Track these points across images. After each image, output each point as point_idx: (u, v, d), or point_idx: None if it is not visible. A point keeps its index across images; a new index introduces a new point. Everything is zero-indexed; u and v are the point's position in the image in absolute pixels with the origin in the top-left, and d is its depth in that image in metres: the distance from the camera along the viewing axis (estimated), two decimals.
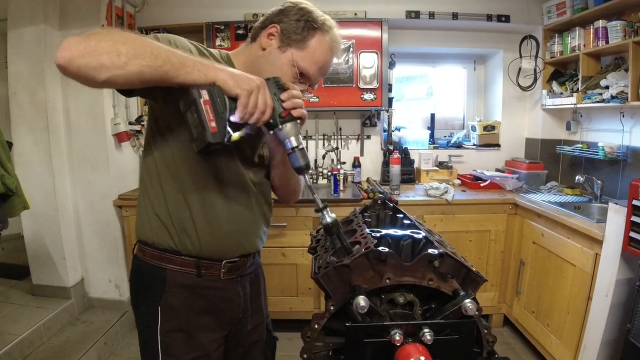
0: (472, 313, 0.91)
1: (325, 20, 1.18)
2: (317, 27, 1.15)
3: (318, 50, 1.16)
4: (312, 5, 1.19)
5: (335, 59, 1.24)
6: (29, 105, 2.94)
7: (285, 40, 1.14)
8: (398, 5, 3.34)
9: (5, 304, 3.00)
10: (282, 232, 2.84)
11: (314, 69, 1.17)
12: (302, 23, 1.14)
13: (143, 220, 1.18)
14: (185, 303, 1.16)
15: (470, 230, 2.90)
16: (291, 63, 1.14)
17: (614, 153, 2.72)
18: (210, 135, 0.88)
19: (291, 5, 1.18)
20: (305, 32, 1.14)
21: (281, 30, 1.14)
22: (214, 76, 0.91)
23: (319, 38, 1.16)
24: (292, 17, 1.15)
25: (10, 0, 2.88)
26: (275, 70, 1.12)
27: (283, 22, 1.15)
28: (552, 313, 2.49)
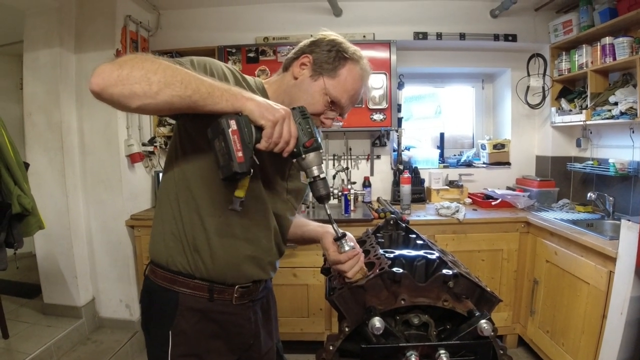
0: (488, 334, 0.91)
1: (356, 51, 1.22)
2: (347, 57, 1.19)
3: (349, 79, 1.19)
4: (342, 38, 1.23)
5: (364, 88, 1.27)
6: (44, 126, 3.00)
7: (317, 69, 1.18)
8: (406, 27, 3.39)
9: (17, 323, 3.02)
10: (293, 253, 2.84)
11: (345, 97, 1.20)
12: (333, 53, 1.18)
13: (157, 239, 1.18)
14: (196, 327, 1.15)
15: (483, 250, 2.88)
16: (323, 91, 1.17)
17: (625, 169, 2.71)
18: (237, 165, 0.89)
19: (322, 37, 1.22)
20: (336, 61, 1.18)
21: (313, 60, 1.19)
22: (241, 105, 0.93)
23: (350, 67, 1.19)
24: (323, 47, 1.19)
25: (26, 23, 2.98)
26: (308, 98, 1.17)
27: (315, 53, 1.19)
28: (567, 332, 2.45)
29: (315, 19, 3.43)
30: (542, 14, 3.37)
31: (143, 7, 3.33)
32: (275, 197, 1.23)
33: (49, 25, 2.93)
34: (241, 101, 0.93)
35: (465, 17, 3.40)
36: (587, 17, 2.92)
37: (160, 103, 0.88)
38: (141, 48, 3.28)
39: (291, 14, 3.45)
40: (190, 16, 3.49)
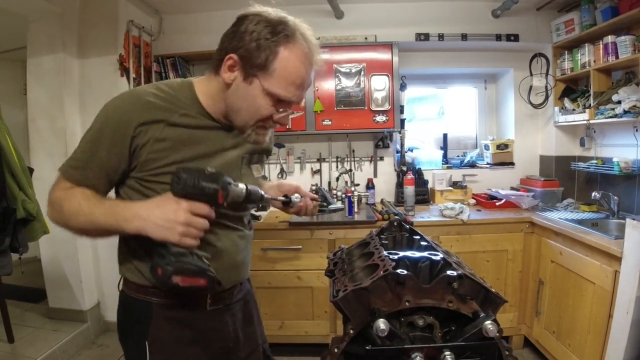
0: (493, 334, 0.90)
1: (285, 28, 1.02)
2: (277, 41, 1.00)
3: (289, 68, 1.02)
4: (265, 11, 1.04)
5: (314, 66, 1.08)
6: (48, 132, 3.02)
7: (247, 69, 1.02)
8: (407, 28, 3.40)
9: (22, 327, 3.03)
10: (297, 255, 2.84)
11: (291, 91, 1.05)
12: (258, 43, 1.00)
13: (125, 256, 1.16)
14: (172, 335, 1.13)
15: (487, 250, 2.87)
16: (263, 93, 1.03)
17: (629, 168, 2.69)
18: (158, 278, 0.98)
19: (241, 22, 1.04)
20: (265, 53, 1.00)
21: (239, 59, 1.02)
22: (138, 228, 0.97)
23: (285, 54, 1.01)
24: (246, 39, 1.01)
25: (29, 29, 3.00)
26: (248, 105, 1.06)
27: (239, 49, 1.02)
28: (573, 333, 2.44)
29: (316, 21, 3.43)
30: (543, 14, 3.37)
31: (145, 12, 3.35)
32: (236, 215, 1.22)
33: (52, 31, 2.94)
34: (134, 224, 0.97)
35: (467, 17, 3.40)
36: (589, 16, 2.92)
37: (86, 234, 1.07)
38: (144, 52, 3.29)
39: (292, 17, 3.44)
40: (193, 20, 3.50)
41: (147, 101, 1.03)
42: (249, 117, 1.08)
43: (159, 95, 1.05)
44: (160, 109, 1.04)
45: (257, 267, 2.79)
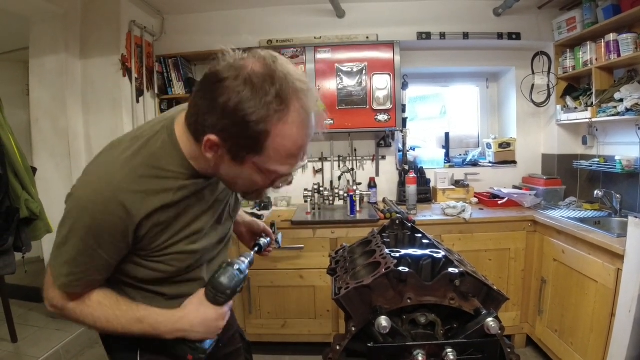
0: (495, 332, 0.91)
1: (275, 96, 0.81)
2: (267, 118, 0.81)
3: (285, 143, 0.85)
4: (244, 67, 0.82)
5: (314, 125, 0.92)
6: (51, 132, 3.03)
7: (234, 149, 0.86)
8: (409, 27, 3.39)
9: (25, 327, 3.04)
10: (300, 254, 2.84)
11: (291, 163, 0.90)
12: (244, 124, 0.81)
13: None
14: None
15: (490, 249, 2.87)
16: (258, 170, 0.90)
17: (632, 166, 2.69)
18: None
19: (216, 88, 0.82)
20: (254, 134, 0.82)
21: (222, 141, 0.84)
22: (183, 334, 1.00)
23: (278, 130, 0.83)
24: (227, 118, 0.81)
25: (32, 30, 3.01)
26: (245, 180, 0.93)
27: (220, 131, 0.83)
28: (575, 331, 2.43)
29: (318, 21, 3.44)
30: (545, 12, 3.36)
31: (147, 13, 3.36)
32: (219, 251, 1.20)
33: (55, 32, 2.95)
34: (175, 335, 0.99)
35: (469, 16, 3.39)
36: (590, 14, 2.91)
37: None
38: (146, 52, 3.30)
39: (294, 17, 3.46)
40: (194, 20, 3.51)
41: (139, 192, 0.90)
42: (247, 188, 0.99)
43: (149, 176, 0.91)
44: (154, 195, 0.92)
45: (260, 266, 2.79)
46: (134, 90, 3.16)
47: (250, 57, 0.85)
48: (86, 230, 0.88)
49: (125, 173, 0.89)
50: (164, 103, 3.52)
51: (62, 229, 0.91)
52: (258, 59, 0.84)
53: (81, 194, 0.89)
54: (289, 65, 0.85)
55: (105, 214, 0.87)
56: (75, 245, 0.90)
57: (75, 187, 0.92)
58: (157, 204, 0.91)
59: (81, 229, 0.88)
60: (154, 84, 3.44)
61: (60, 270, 0.92)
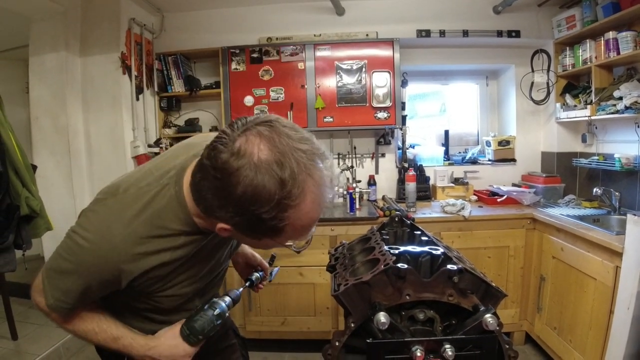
0: (493, 328, 0.91)
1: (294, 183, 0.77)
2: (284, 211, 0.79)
3: (301, 222, 0.83)
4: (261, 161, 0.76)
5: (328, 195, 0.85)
6: (51, 130, 3.03)
7: (249, 232, 0.85)
8: (409, 25, 3.39)
9: (25, 324, 3.04)
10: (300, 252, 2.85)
11: (306, 234, 0.89)
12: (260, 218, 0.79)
13: None
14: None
15: (489, 247, 2.88)
16: (274, 244, 0.90)
17: (631, 164, 2.69)
18: None
19: (228, 185, 0.77)
20: (270, 226, 0.81)
21: (235, 229, 0.85)
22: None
23: (294, 214, 0.80)
24: (240, 215, 0.80)
25: (32, 28, 3.00)
26: (260, 247, 0.93)
27: (235, 224, 0.83)
28: (574, 328, 2.44)
29: (318, 18, 3.44)
30: (545, 10, 3.36)
31: (147, 10, 3.36)
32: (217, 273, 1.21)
33: (55, 30, 2.95)
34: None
35: (468, 13, 3.39)
36: (590, 12, 2.91)
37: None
38: (145, 50, 3.30)
39: (294, 14, 3.46)
40: (194, 18, 3.51)
41: (137, 254, 0.90)
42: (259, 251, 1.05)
43: (151, 235, 0.91)
44: (152, 255, 0.92)
45: None
46: (134, 87, 3.16)
47: (250, 137, 0.78)
48: (84, 280, 0.92)
49: (127, 234, 0.89)
50: (163, 101, 3.52)
51: (60, 261, 0.93)
52: (260, 137, 0.78)
53: (81, 249, 0.89)
54: (287, 129, 0.81)
55: (102, 274, 0.91)
56: (71, 283, 0.93)
57: (77, 234, 0.91)
58: (154, 263, 0.92)
59: (79, 277, 0.91)
60: (153, 81, 3.45)
61: (52, 291, 0.94)
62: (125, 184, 0.96)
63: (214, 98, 3.53)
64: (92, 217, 0.93)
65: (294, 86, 3.34)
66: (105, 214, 0.92)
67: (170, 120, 3.64)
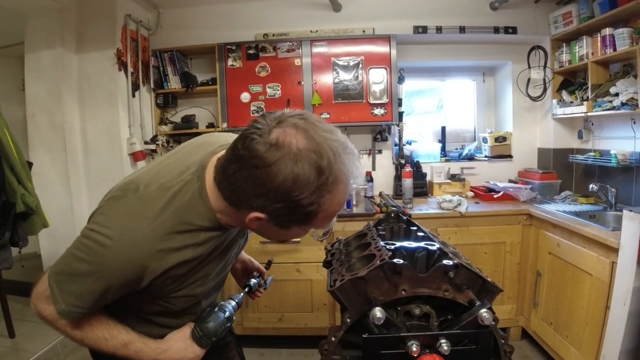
0: (489, 323, 0.92)
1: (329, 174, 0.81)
2: (320, 196, 0.82)
3: (332, 208, 0.86)
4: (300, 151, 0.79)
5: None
6: (47, 127, 3.02)
7: (281, 222, 0.87)
8: (405, 21, 3.39)
9: (22, 322, 3.03)
10: (297, 248, 2.85)
11: (330, 222, 0.94)
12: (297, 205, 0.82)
13: None
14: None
15: (485, 243, 2.88)
16: (302, 231, 0.92)
17: (627, 160, 2.70)
18: None
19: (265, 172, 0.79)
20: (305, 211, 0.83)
21: (269, 217, 0.86)
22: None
23: (328, 200, 0.83)
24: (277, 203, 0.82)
25: (27, 25, 2.99)
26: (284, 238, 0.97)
27: (269, 211, 0.84)
28: (570, 324, 2.45)
29: (314, 14, 3.43)
30: (542, 6, 3.36)
31: (143, 6, 3.34)
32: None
33: (50, 27, 2.94)
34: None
35: (465, 10, 3.39)
36: (587, 8, 2.92)
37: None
38: (142, 47, 3.29)
39: (290, 10, 3.45)
40: (190, 14, 3.50)
41: (161, 251, 0.89)
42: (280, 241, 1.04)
43: (176, 231, 0.91)
44: (176, 252, 0.92)
45: (256, 260, 2.79)
46: (130, 84, 3.15)
47: (285, 127, 0.81)
48: (103, 282, 0.88)
49: (152, 230, 0.88)
50: (159, 97, 3.51)
51: (76, 263, 0.89)
52: (296, 129, 0.81)
53: (104, 248, 0.87)
54: (318, 121, 0.85)
55: (125, 272, 0.88)
56: (88, 286, 0.89)
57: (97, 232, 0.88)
58: (176, 261, 0.92)
59: (98, 278, 0.88)
60: (149, 78, 3.44)
61: (63, 297, 0.90)
62: (145, 181, 0.94)
63: (211, 95, 3.53)
64: (112, 215, 0.91)
65: (290, 82, 3.33)
66: (127, 210, 0.90)
67: (167, 117, 3.63)
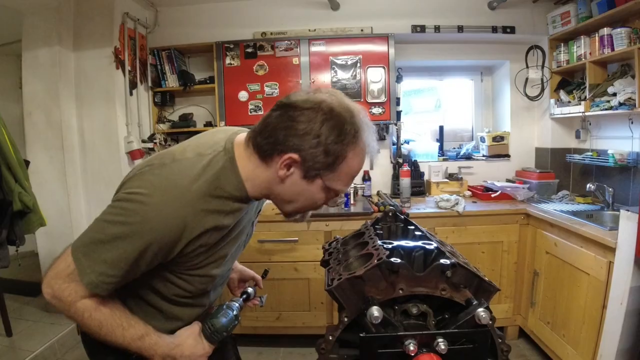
0: (486, 322, 0.92)
1: (352, 128, 0.95)
2: (346, 146, 0.94)
3: (353, 167, 0.98)
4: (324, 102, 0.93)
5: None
6: (44, 125, 3.01)
7: (310, 170, 0.95)
8: (404, 20, 3.39)
9: (20, 321, 3.03)
10: (294, 247, 2.85)
11: (349, 183, 1.04)
12: (327, 148, 0.92)
13: None
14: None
15: (483, 242, 2.89)
16: (323, 189, 1.00)
17: (624, 160, 2.71)
18: None
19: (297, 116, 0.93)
20: (333, 157, 0.94)
21: (302, 161, 0.94)
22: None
23: (351, 156, 0.96)
24: (310, 141, 0.92)
25: (25, 23, 2.98)
26: (305, 198, 1.02)
27: (301, 151, 0.93)
28: (567, 323, 2.46)
29: (312, 13, 3.43)
30: (540, 6, 3.37)
31: (140, 5, 3.34)
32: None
33: (48, 24, 2.93)
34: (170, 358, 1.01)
35: (463, 9, 3.39)
36: (585, 8, 2.92)
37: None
38: (139, 45, 3.28)
39: (288, 9, 3.44)
40: (188, 13, 3.49)
41: (201, 210, 0.93)
42: (303, 207, 1.07)
43: (212, 195, 0.95)
44: (212, 214, 0.95)
45: (254, 259, 2.80)
46: (127, 82, 3.14)
47: (320, 92, 0.97)
48: (142, 242, 0.88)
49: (195, 188, 0.92)
50: (157, 96, 3.51)
51: (111, 227, 0.89)
52: (329, 95, 0.96)
53: (146, 206, 0.88)
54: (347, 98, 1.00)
55: (167, 228, 0.89)
56: (124, 250, 0.89)
57: (138, 194, 0.90)
58: (211, 224, 0.95)
59: (137, 239, 0.88)
60: (147, 76, 3.43)
61: (94, 266, 0.89)
62: (180, 150, 1.00)
63: (208, 93, 3.52)
64: (152, 178, 0.93)
65: (288, 81, 3.33)
66: (168, 173, 0.94)
67: (164, 115, 3.63)
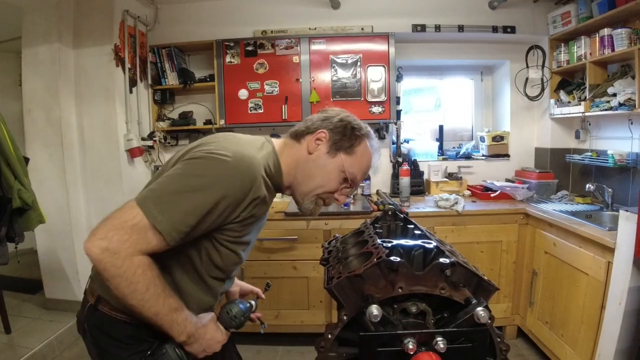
0: (485, 321, 0.92)
1: (366, 127, 1.25)
2: (362, 134, 1.21)
3: (364, 156, 1.22)
4: (350, 115, 1.25)
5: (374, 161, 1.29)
6: (44, 122, 3.01)
7: (334, 145, 1.19)
8: (404, 19, 3.39)
9: (19, 318, 3.04)
10: (293, 245, 2.85)
11: (360, 174, 1.23)
12: (348, 130, 1.19)
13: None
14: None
15: (482, 241, 2.89)
16: (340, 168, 1.19)
17: (624, 160, 2.71)
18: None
19: (333, 113, 1.24)
20: (352, 139, 1.20)
21: (330, 136, 1.19)
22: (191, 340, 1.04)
23: (364, 145, 1.22)
24: (338, 124, 1.20)
25: (25, 20, 2.97)
26: (324, 175, 1.19)
27: (331, 128, 1.20)
28: (566, 323, 2.46)
29: (313, 11, 3.42)
30: (540, 6, 3.36)
31: (141, 2, 3.33)
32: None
33: (48, 22, 2.93)
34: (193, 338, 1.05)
35: (464, 9, 3.39)
36: (585, 9, 2.92)
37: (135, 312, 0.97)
38: (139, 42, 3.28)
39: (289, 7, 3.44)
40: (188, 10, 3.49)
41: (262, 177, 1.07)
42: (319, 185, 1.20)
43: (267, 170, 1.12)
44: (264, 186, 1.08)
45: (253, 257, 2.80)
46: (127, 80, 3.13)
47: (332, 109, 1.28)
48: (217, 194, 0.97)
49: (259, 157, 1.09)
50: (157, 94, 3.50)
51: (189, 179, 0.97)
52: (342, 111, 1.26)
53: (224, 163, 0.99)
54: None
55: (241, 182, 1.00)
56: (199, 201, 0.96)
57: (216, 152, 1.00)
58: (264, 193, 1.08)
59: (214, 191, 0.97)
60: (147, 74, 3.42)
61: (169, 215, 0.93)
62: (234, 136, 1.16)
63: (208, 91, 3.52)
64: (226, 144, 1.05)
65: (288, 80, 3.32)
66: (237, 143, 1.09)
67: (164, 113, 3.62)
